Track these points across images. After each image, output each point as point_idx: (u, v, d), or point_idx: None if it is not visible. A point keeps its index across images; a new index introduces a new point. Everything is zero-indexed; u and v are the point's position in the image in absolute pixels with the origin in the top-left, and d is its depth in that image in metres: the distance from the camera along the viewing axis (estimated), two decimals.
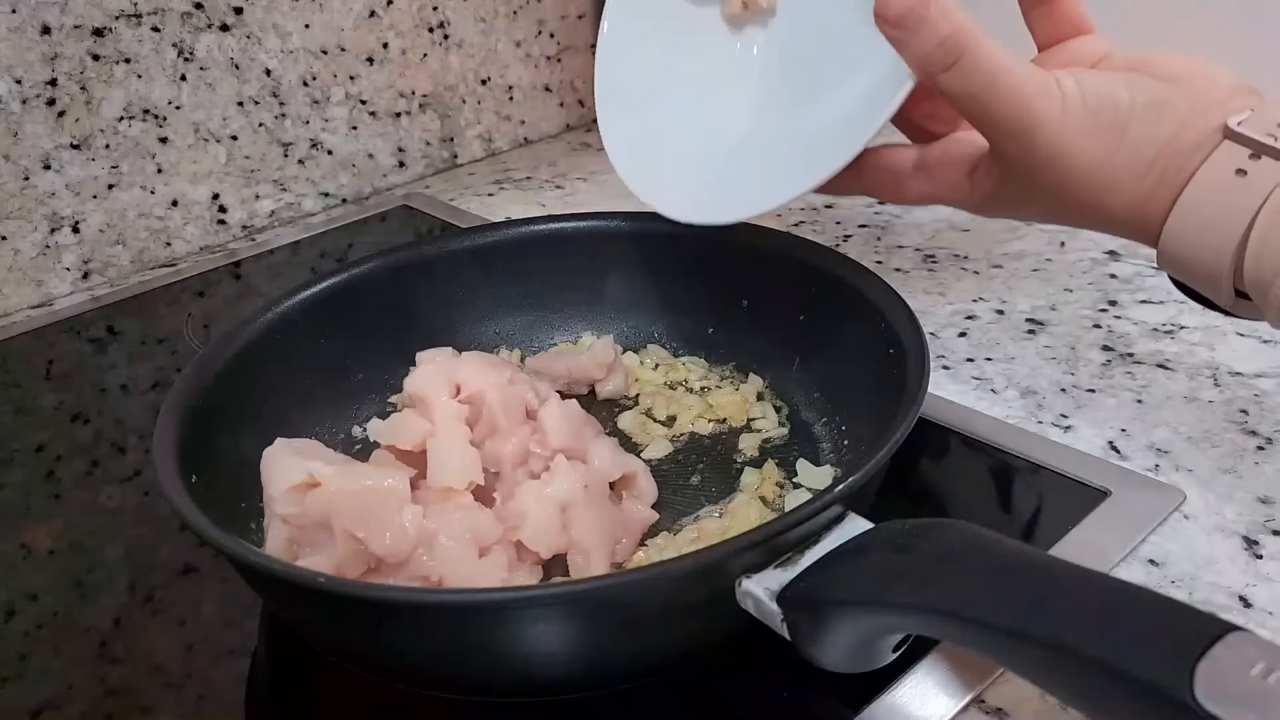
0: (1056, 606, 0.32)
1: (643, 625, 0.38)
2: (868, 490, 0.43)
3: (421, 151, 0.98)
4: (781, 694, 0.41)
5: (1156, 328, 0.63)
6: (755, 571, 0.38)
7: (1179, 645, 0.29)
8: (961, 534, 0.36)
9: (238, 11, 0.83)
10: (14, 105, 0.75)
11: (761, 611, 0.38)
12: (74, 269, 0.81)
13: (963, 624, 0.33)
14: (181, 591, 0.50)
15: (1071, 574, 0.33)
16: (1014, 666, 0.34)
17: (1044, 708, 0.40)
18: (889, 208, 0.82)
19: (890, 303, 0.50)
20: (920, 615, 0.35)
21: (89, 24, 0.77)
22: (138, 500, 0.57)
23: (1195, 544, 0.47)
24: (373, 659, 0.42)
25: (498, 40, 0.99)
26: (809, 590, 0.37)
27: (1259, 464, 0.51)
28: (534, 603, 0.37)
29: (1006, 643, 0.32)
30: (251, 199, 0.88)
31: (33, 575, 0.52)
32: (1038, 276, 0.70)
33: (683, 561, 0.37)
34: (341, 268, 0.59)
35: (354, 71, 0.91)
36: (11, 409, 0.67)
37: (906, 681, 0.41)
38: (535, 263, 0.63)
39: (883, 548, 0.37)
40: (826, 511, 0.39)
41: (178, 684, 0.45)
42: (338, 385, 0.58)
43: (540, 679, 0.40)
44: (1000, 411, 0.57)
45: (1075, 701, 0.32)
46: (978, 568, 0.34)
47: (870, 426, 0.49)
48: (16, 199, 0.77)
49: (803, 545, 0.38)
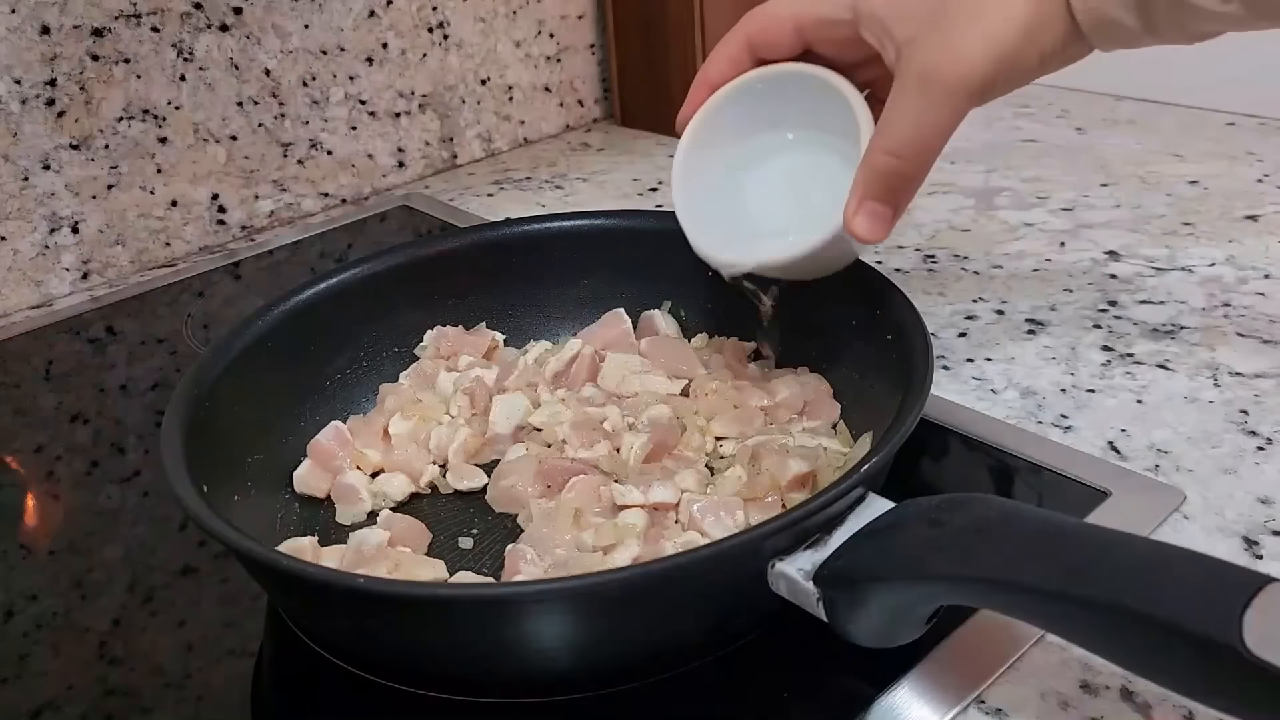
0: (1099, 568, 0.33)
1: (673, 613, 0.39)
2: (884, 474, 0.44)
3: (421, 151, 0.98)
4: (781, 694, 0.41)
5: (1156, 328, 0.63)
6: (786, 554, 0.39)
7: (1223, 598, 0.30)
8: (992, 506, 0.37)
9: (237, 12, 0.83)
10: (14, 105, 0.75)
11: (795, 592, 0.39)
12: (73, 269, 0.81)
13: (1007, 591, 0.34)
14: (181, 591, 0.50)
15: (1108, 537, 0.34)
16: (1060, 630, 0.35)
17: (1044, 708, 0.40)
18: None
19: (886, 291, 0.52)
20: (963, 585, 0.36)
21: (88, 24, 0.77)
22: (138, 500, 0.57)
23: (1195, 544, 0.47)
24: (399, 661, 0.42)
25: (497, 40, 0.99)
26: (846, 568, 0.38)
27: (1259, 464, 0.51)
28: (565, 595, 0.38)
29: (1052, 606, 0.33)
30: (251, 199, 0.88)
31: (33, 575, 0.52)
32: (1038, 276, 0.70)
33: (717, 547, 0.38)
34: (341, 268, 0.59)
35: (354, 71, 0.91)
36: (11, 409, 0.67)
37: (906, 682, 0.41)
38: (535, 262, 0.63)
39: (915, 523, 0.38)
40: (852, 493, 0.40)
41: (178, 684, 0.45)
42: (334, 385, 0.58)
43: (566, 673, 0.40)
44: (1000, 411, 0.57)
45: (1123, 660, 0.34)
46: (1015, 536, 0.35)
47: (869, 415, 0.51)
48: (16, 199, 0.77)
49: (829, 526, 0.39)
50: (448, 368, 0.59)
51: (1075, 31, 0.46)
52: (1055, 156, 0.89)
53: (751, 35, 0.52)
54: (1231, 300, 0.65)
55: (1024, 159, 0.89)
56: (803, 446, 0.51)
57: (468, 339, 0.61)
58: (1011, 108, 1.01)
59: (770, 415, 0.54)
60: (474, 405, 0.56)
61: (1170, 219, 0.76)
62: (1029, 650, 0.42)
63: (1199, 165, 0.85)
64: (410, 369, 0.60)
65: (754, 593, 0.40)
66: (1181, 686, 0.33)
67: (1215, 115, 0.94)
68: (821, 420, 0.54)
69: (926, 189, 0.85)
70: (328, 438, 0.54)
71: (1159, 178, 0.83)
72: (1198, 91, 0.96)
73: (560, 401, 0.56)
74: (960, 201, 0.83)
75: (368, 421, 0.56)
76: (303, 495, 0.53)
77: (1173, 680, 0.33)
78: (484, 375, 0.58)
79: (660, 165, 0.94)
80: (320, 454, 0.54)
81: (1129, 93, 1.00)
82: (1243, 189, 0.80)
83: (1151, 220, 0.77)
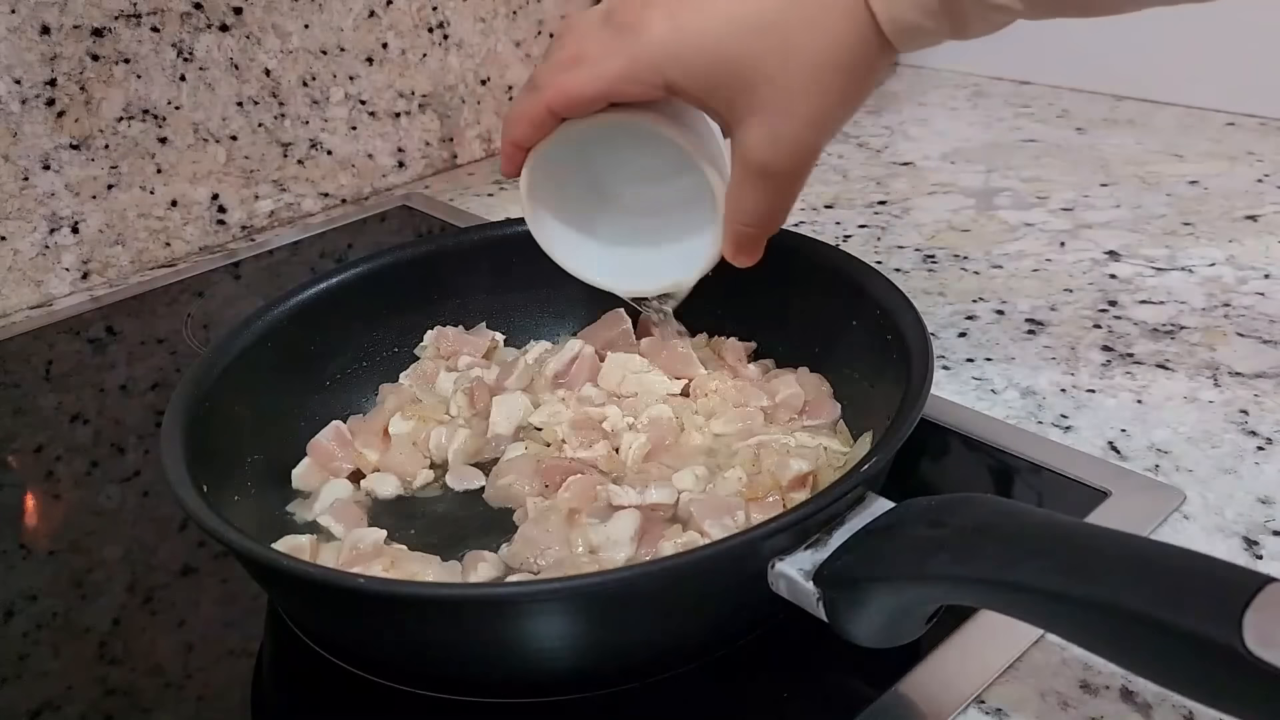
0: (1099, 568, 0.33)
1: (674, 613, 0.39)
2: (884, 473, 0.44)
3: (421, 152, 0.98)
4: (781, 694, 0.41)
5: (1156, 328, 0.63)
6: (787, 554, 0.39)
7: (1224, 598, 0.30)
8: (991, 506, 0.37)
9: (237, 12, 0.83)
10: (14, 105, 0.75)
11: (795, 592, 0.39)
12: (73, 269, 0.81)
13: (1008, 591, 0.34)
14: (181, 591, 0.50)
15: (1108, 537, 0.35)
16: (1060, 630, 0.35)
17: (1044, 707, 0.40)
18: (889, 208, 0.82)
19: (886, 291, 0.52)
20: (963, 585, 0.36)
21: (88, 24, 0.77)
22: (138, 500, 0.57)
23: (1195, 544, 0.47)
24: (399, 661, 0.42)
25: (497, 40, 0.99)
26: (847, 568, 0.38)
27: (1259, 464, 0.51)
28: (565, 595, 0.38)
29: (1052, 606, 0.34)
30: (251, 199, 0.88)
31: (33, 575, 0.52)
32: (1038, 276, 0.70)
33: (717, 547, 0.38)
34: (341, 268, 0.59)
35: (354, 71, 0.91)
36: (11, 409, 0.67)
37: (906, 682, 0.41)
38: (535, 262, 0.63)
39: (915, 524, 0.38)
40: (852, 493, 0.40)
41: (178, 684, 0.45)
42: (334, 385, 0.58)
43: (566, 673, 0.40)
44: (1000, 411, 0.57)
45: (1123, 660, 0.34)
46: (1015, 536, 0.35)
47: (869, 415, 0.51)
48: (16, 199, 0.77)
49: (830, 526, 0.40)
50: (448, 368, 0.59)
51: (883, 48, 0.44)
52: (1055, 156, 0.89)
53: (554, 107, 0.46)
54: (1231, 300, 0.65)
55: (1024, 159, 0.89)
56: (803, 446, 0.51)
57: (468, 339, 0.61)
58: (1012, 108, 1.01)
59: (770, 415, 0.54)
60: (474, 405, 0.57)
61: (1170, 219, 0.76)
62: (1029, 650, 0.42)
63: (1199, 165, 0.85)
64: (410, 369, 0.60)
65: (754, 593, 0.40)
66: (1181, 686, 0.33)
67: (1215, 115, 0.94)
68: (822, 420, 0.54)
69: (926, 189, 0.85)
70: (327, 438, 0.54)
71: (1159, 178, 0.83)
72: (1198, 91, 0.96)
73: (560, 401, 0.56)
74: (960, 201, 0.83)
75: (368, 421, 0.56)
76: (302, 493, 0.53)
77: (1173, 680, 0.33)
78: (484, 375, 0.58)
79: None
80: (320, 453, 0.54)
81: (1129, 93, 1.00)
82: (1243, 189, 0.80)
83: (1151, 220, 0.76)
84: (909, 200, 0.84)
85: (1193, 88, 0.96)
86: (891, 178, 0.88)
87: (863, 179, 0.88)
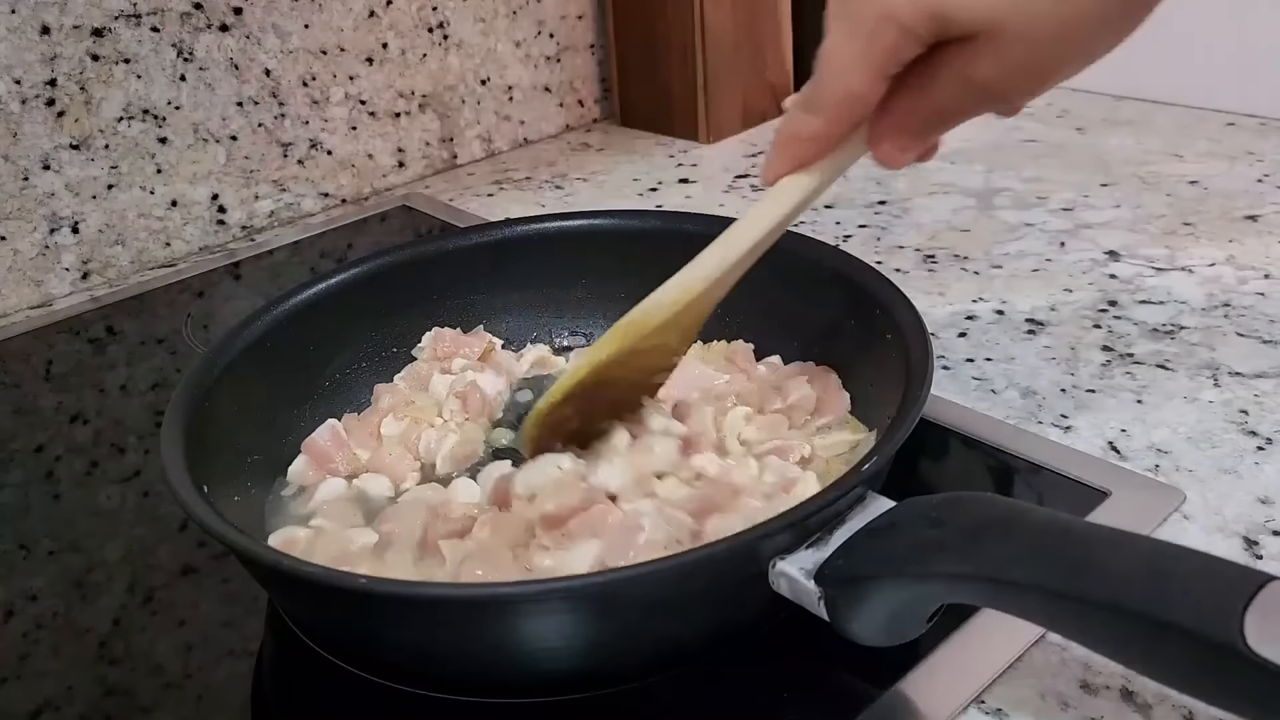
0: (1100, 567, 0.33)
1: (674, 613, 0.39)
2: (884, 473, 0.44)
3: (421, 152, 0.98)
4: (781, 694, 0.41)
5: (1156, 328, 0.63)
6: (787, 553, 0.39)
7: (1224, 596, 0.30)
8: (991, 505, 0.37)
9: (237, 12, 0.83)
10: (13, 105, 0.75)
11: (796, 591, 0.39)
12: (73, 269, 0.81)
13: (1010, 590, 0.34)
14: (181, 591, 0.50)
15: (1109, 536, 0.35)
16: (1060, 629, 0.35)
17: (1044, 708, 0.40)
18: (889, 208, 0.82)
19: (886, 290, 0.52)
20: (964, 584, 0.36)
21: (88, 24, 0.77)
22: (137, 500, 0.57)
23: (1195, 544, 0.46)
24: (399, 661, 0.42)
25: (497, 40, 0.99)
26: (848, 567, 0.38)
27: (1259, 464, 0.51)
28: (565, 594, 0.38)
29: (1053, 605, 0.34)
30: (251, 199, 0.88)
31: (33, 575, 0.52)
32: (1038, 276, 0.70)
33: (717, 547, 0.38)
34: (341, 268, 0.59)
35: (354, 72, 0.91)
36: (11, 409, 0.67)
37: (906, 682, 0.41)
38: (535, 262, 0.63)
39: (915, 523, 0.38)
40: (853, 492, 0.40)
41: (178, 684, 0.45)
42: (333, 385, 0.58)
43: (566, 674, 0.40)
44: (1000, 412, 0.57)
45: (1124, 659, 0.34)
46: (1016, 535, 0.35)
47: (869, 415, 0.51)
48: (16, 199, 0.77)
49: (831, 525, 0.40)
50: (442, 370, 0.59)
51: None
52: (1055, 156, 0.89)
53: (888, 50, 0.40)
54: (1231, 300, 0.65)
55: (1024, 159, 0.89)
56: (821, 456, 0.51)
57: (464, 341, 0.61)
58: None
59: (789, 417, 0.54)
60: (466, 409, 0.56)
61: (1170, 219, 0.76)
62: (1029, 650, 0.42)
63: (1199, 165, 0.85)
64: (405, 370, 0.60)
65: (755, 592, 0.40)
66: (1182, 685, 0.33)
67: (1215, 115, 0.94)
68: (834, 415, 0.53)
69: (926, 189, 0.85)
70: (323, 437, 0.54)
71: (1159, 178, 0.83)
72: (1198, 91, 0.96)
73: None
74: (960, 201, 0.83)
75: (362, 421, 0.56)
76: None
77: (1173, 679, 0.33)
78: (478, 379, 0.58)
79: (660, 165, 0.94)
80: (315, 452, 0.53)
81: (1129, 93, 1.00)
82: (1243, 189, 0.80)
83: (1151, 220, 0.77)
84: (909, 200, 0.84)
85: (1193, 88, 0.96)
86: (891, 177, 0.88)
87: (863, 179, 0.88)
